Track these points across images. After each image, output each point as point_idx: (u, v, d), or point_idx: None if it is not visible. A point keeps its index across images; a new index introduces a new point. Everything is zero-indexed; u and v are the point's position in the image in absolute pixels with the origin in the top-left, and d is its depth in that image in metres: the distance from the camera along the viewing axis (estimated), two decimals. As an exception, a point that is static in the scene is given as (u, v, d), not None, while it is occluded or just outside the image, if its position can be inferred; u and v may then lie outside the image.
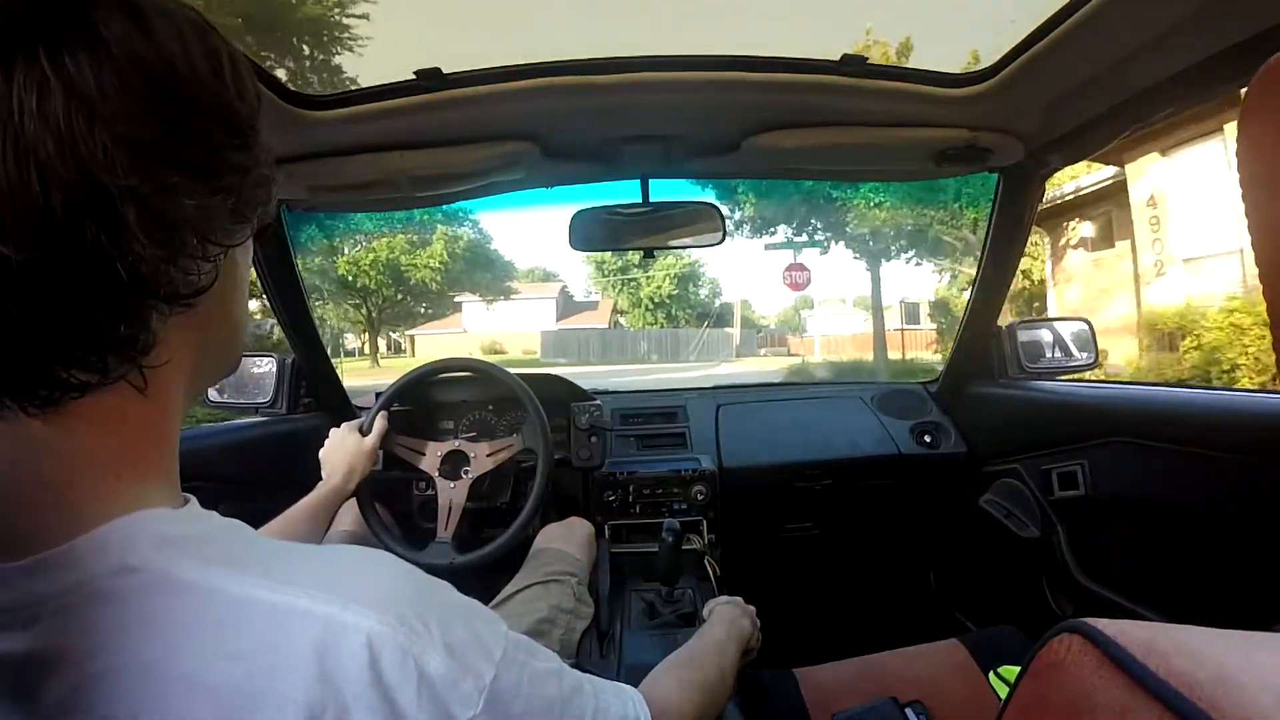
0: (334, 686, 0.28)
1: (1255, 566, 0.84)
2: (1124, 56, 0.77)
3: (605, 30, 12.36)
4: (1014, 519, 1.26)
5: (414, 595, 0.33)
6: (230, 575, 0.29)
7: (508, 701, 0.33)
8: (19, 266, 0.25)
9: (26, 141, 0.25)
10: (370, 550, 0.35)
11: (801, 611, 1.60)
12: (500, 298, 23.05)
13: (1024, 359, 1.39)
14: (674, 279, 26.27)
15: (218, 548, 0.31)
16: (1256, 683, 0.22)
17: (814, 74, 0.91)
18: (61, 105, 0.25)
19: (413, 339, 24.60)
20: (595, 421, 1.35)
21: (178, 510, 0.32)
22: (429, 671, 0.30)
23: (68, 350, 0.28)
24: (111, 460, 0.31)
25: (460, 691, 0.31)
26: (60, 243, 0.26)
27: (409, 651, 0.30)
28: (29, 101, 0.25)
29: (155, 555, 0.29)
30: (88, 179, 0.26)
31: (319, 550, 0.34)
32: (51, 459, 0.30)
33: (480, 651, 0.33)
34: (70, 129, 0.25)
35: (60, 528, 0.29)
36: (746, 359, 23.33)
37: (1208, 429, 0.89)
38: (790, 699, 0.93)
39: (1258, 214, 0.27)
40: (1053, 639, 0.27)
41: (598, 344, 23.41)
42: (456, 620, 0.34)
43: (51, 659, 0.27)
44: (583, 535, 1.20)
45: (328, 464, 1.01)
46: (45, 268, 0.26)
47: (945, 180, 5.08)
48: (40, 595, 0.28)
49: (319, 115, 0.91)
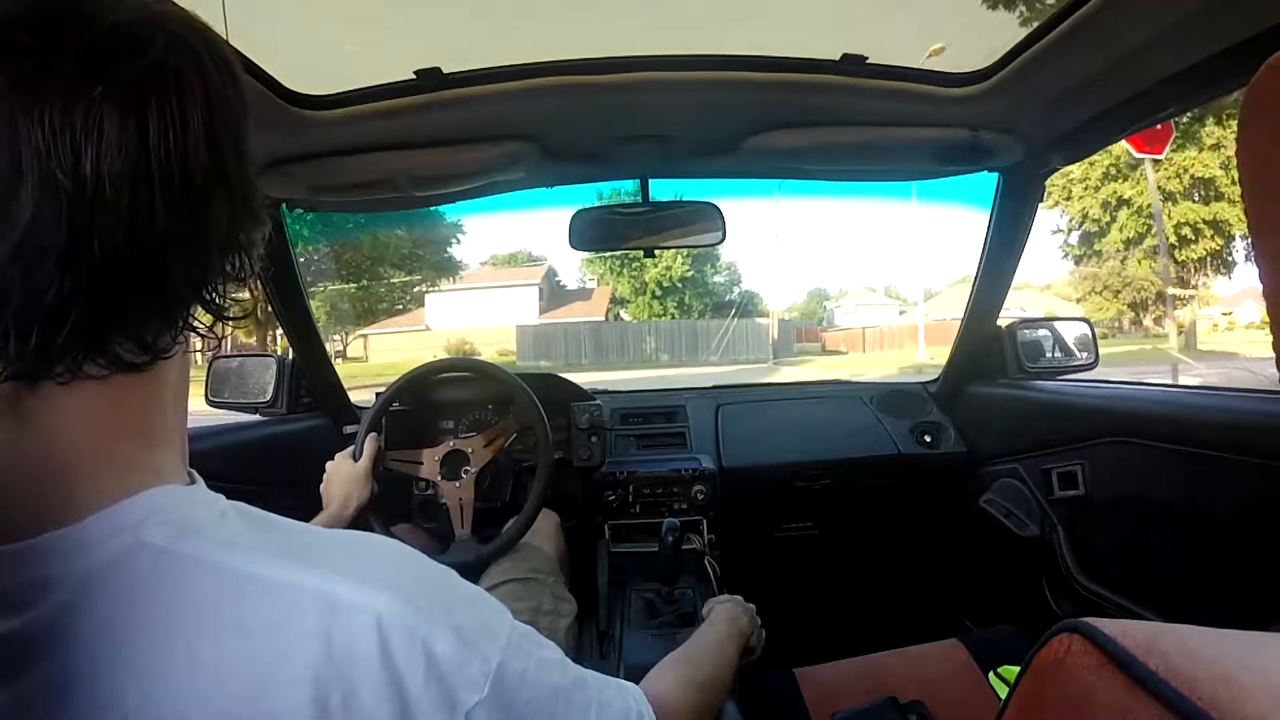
0: (342, 666, 0.28)
1: (1255, 566, 0.84)
2: (1124, 56, 0.77)
3: (605, 30, 12.53)
4: (1014, 519, 1.26)
5: (423, 579, 0.34)
6: (240, 553, 0.30)
7: (513, 688, 0.34)
8: (143, 242, 0.28)
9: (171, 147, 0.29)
10: (379, 536, 0.36)
11: (801, 611, 1.60)
12: (469, 285, 19.41)
13: (1024, 359, 1.39)
14: (688, 258, 21.49)
15: (228, 526, 0.31)
16: (1256, 683, 0.22)
17: (814, 74, 0.91)
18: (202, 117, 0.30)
19: (363, 339, 20.73)
20: (595, 421, 1.35)
21: (188, 488, 0.33)
22: (437, 653, 0.30)
23: (139, 326, 0.30)
24: (117, 432, 0.31)
25: (467, 675, 0.31)
26: (192, 221, 0.31)
27: (417, 633, 0.30)
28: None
29: (165, 533, 0.29)
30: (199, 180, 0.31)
31: (330, 533, 0.35)
32: (56, 435, 0.30)
33: (488, 637, 0.34)
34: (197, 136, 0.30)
35: (70, 505, 0.29)
36: (802, 361, 18.08)
37: (1207, 429, 0.89)
38: (790, 699, 0.93)
39: (1258, 214, 0.27)
40: (1053, 639, 0.27)
41: (590, 342, 19.02)
42: (464, 605, 0.34)
43: (57, 637, 0.27)
44: (550, 527, 1.20)
45: (326, 494, 1.01)
46: (160, 247, 0.29)
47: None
48: (51, 575, 0.28)
49: (319, 115, 0.91)
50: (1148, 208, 15.57)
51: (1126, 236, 16.50)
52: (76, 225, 0.27)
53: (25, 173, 0.26)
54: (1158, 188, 14.87)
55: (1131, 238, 16.50)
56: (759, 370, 15.09)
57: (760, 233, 26.11)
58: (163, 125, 0.29)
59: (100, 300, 0.28)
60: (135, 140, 0.28)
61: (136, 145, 0.28)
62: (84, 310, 0.28)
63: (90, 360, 0.29)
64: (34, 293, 0.27)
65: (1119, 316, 19.02)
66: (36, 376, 0.29)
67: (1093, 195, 16.70)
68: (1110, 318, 18.91)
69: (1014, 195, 1.21)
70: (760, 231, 21.84)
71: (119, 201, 0.27)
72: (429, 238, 18.44)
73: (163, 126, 0.29)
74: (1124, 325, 20.22)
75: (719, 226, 1.23)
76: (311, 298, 1.37)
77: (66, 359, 0.28)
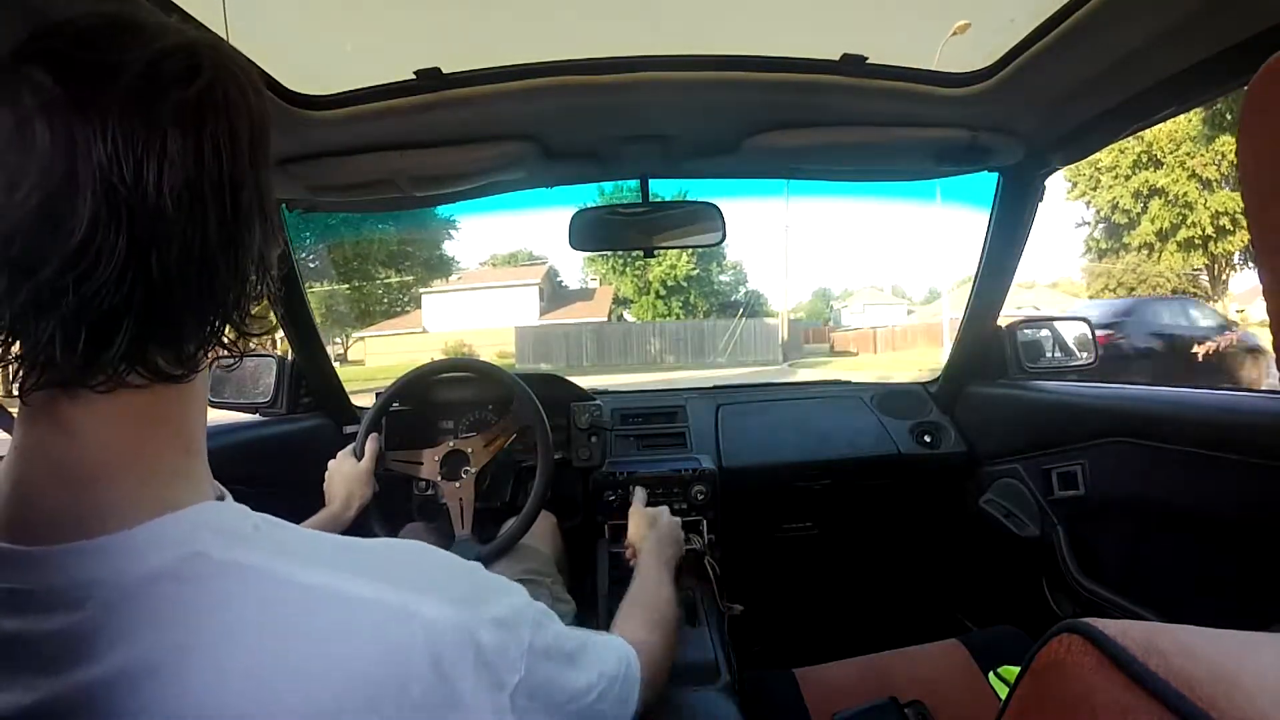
0: (395, 670, 0.30)
1: (1255, 567, 0.84)
2: (1124, 56, 0.77)
3: (605, 30, 12.49)
4: (1014, 519, 1.26)
5: (459, 577, 0.37)
6: (295, 563, 0.31)
7: (542, 661, 0.37)
8: (177, 260, 0.29)
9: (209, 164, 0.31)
10: (413, 542, 0.38)
11: (801, 611, 1.60)
12: (467, 286, 18.72)
13: (1024, 359, 1.39)
14: (693, 256, 20.95)
15: (274, 539, 0.33)
16: (1256, 683, 0.22)
17: (814, 74, 0.91)
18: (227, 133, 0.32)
19: (362, 342, 19.92)
20: (595, 421, 1.35)
21: (223, 503, 0.34)
22: (483, 644, 0.33)
23: (181, 339, 0.31)
24: (156, 441, 0.32)
25: (508, 659, 0.35)
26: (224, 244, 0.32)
27: (464, 629, 0.33)
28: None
29: (219, 542, 0.30)
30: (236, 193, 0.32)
31: (369, 543, 0.37)
32: (95, 443, 0.31)
33: (520, 619, 0.37)
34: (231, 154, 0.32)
35: (113, 511, 0.30)
36: (817, 363, 17.13)
37: (1207, 429, 0.89)
38: (790, 699, 0.93)
39: (1259, 214, 0.27)
40: (1053, 639, 0.27)
41: (592, 343, 18.41)
42: (497, 594, 0.37)
43: (107, 639, 0.28)
44: (548, 528, 1.21)
45: (328, 493, 1.02)
46: (200, 263, 0.31)
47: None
48: (97, 578, 0.28)
49: (319, 115, 0.91)
50: (1183, 197, 14.32)
51: (1159, 228, 15.02)
52: (136, 237, 0.28)
53: (83, 184, 0.27)
54: (1194, 174, 13.91)
55: (1165, 228, 14.99)
56: (771, 374, 14.50)
57: (768, 230, 25.71)
58: (216, 145, 0.31)
59: (153, 312, 0.29)
60: (193, 158, 0.30)
61: (194, 163, 0.30)
62: (137, 320, 0.29)
63: (133, 370, 0.30)
64: (87, 300, 0.27)
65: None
66: (78, 384, 0.29)
67: (1123, 184, 15.40)
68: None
69: (1014, 195, 1.21)
70: (768, 229, 21.52)
71: (178, 215, 0.29)
72: (417, 235, 18.24)
73: (216, 146, 0.31)
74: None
75: (719, 226, 1.23)
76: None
77: (110, 368, 0.29)
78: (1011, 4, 0.79)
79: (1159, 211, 15.02)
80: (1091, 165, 15.59)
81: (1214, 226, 14.43)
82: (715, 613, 1.05)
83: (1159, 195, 15.04)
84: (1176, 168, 14.62)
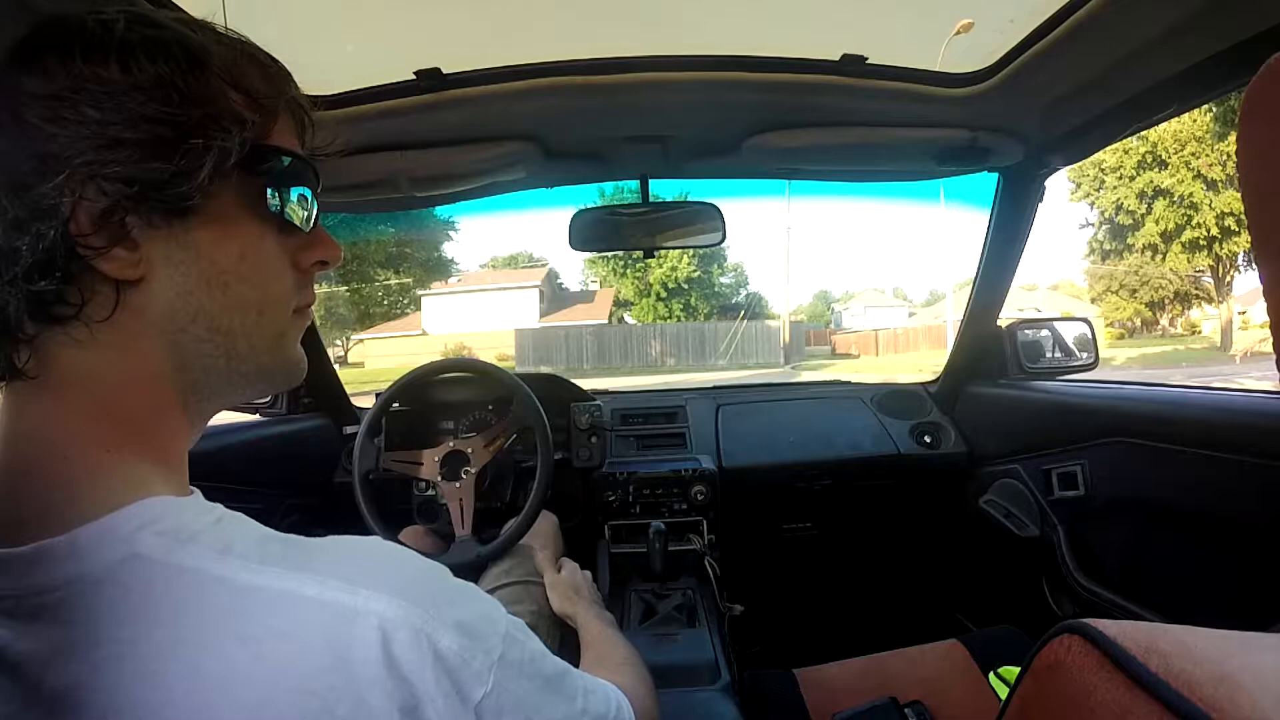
0: (347, 674, 0.28)
1: (1255, 567, 0.84)
2: (1124, 56, 0.77)
3: (605, 30, 12.45)
4: (1014, 519, 1.26)
5: (420, 577, 0.34)
6: (237, 563, 0.30)
7: (513, 678, 0.34)
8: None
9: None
10: (373, 539, 0.36)
11: (801, 612, 1.60)
12: (467, 288, 18.43)
13: (1024, 359, 1.39)
14: (694, 258, 20.41)
15: (223, 537, 0.31)
16: (1256, 683, 0.22)
17: (814, 74, 0.91)
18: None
19: (363, 344, 19.83)
20: (595, 422, 1.35)
21: (182, 500, 0.32)
22: (442, 649, 0.31)
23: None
24: (100, 433, 0.31)
25: (473, 669, 0.32)
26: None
27: (421, 631, 0.30)
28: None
29: (160, 544, 0.29)
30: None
31: (324, 540, 0.35)
32: (38, 435, 0.30)
33: (488, 628, 0.34)
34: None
35: (61, 512, 0.29)
36: (821, 365, 16.91)
37: (1207, 429, 0.89)
38: (790, 699, 0.93)
39: (1258, 215, 0.27)
40: (1053, 639, 0.27)
41: (593, 345, 18.24)
42: (462, 600, 0.34)
43: (53, 649, 0.27)
44: (549, 528, 1.19)
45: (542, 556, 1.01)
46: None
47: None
48: (43, 584, 0.28)
49: (318, 115, 0.91)
50: (1188, 197, 14.29)
51: (1164, 229, 14.95)
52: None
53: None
54: (1198, 175, 13.86)
55: (1169, 230, 14.90)
56: (773, 377, 13.76)
57: (769, 232, 25.56)
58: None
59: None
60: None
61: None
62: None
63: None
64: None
65: (1135, 316, 18.33)
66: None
67: (1127, 185, 15.30)
68: (1126, 317, 18.32)
69: (1014, 196, 1.21)
70: (769, 230, 21.44)
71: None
72: (417, 236, 18.03)
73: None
74: (1137, 326, 19.57)
75: (719, 227, 1.23)
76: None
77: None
78: (1011, 4, 0.79)
79: (1164, 212, 14.97)
80: (1096, 166, 15.56)
81: (1219, 227, 14.36)
82: (715, 613, 1.05)
83: (1164, 196, 14.99)
84: (1181, 168, 14.55)
